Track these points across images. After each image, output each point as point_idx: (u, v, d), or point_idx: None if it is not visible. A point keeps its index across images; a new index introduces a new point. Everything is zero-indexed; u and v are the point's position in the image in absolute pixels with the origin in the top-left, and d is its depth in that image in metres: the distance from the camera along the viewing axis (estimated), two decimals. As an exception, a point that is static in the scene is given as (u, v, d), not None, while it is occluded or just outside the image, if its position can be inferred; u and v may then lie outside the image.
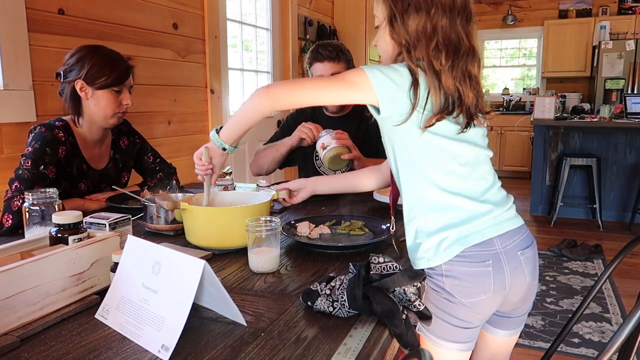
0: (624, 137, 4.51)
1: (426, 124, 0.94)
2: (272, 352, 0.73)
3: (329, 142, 1.76)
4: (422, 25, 0.95)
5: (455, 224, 0.98)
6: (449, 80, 0.94)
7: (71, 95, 1.57)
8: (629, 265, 3.45)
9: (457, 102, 0.95)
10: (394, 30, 0.99)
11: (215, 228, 1.16)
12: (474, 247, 0.97)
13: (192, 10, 2.84)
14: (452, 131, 0.97)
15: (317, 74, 2.02)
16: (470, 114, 0.97)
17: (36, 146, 1.49)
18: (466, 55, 0.97)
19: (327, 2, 4.57)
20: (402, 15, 0.96)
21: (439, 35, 0.95)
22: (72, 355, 0.72)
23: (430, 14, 0.95)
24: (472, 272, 0.97)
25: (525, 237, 1.04)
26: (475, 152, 1.01)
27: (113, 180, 1.75)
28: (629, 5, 6.67)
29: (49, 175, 1.49)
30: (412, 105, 0.93)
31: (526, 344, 2.40)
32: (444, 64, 0.94)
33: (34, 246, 0.98)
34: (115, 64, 1.59)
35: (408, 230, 1.04)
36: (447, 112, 0.94)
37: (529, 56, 7.67)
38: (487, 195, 1.01)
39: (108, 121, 1.62)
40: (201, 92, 2.98)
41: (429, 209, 1.00)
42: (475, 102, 0.97)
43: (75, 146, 1.61)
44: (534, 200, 4.93)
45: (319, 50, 2.00)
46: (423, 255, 1.00)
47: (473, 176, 1.01)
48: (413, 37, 0.96)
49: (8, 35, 1.86)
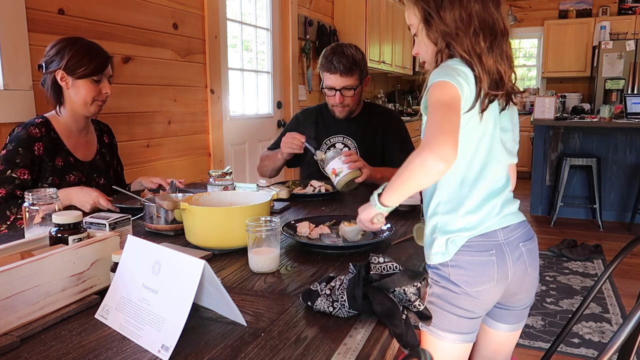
0: (624, 137, 4.51)
1: (482, 107, 0.98)
2: (272, 352, 0.73)
3: (340, 168, 1.68)
4: (458, 15, 0.99)
5: (469, 228, 1.02)
6: (490, 61, 0.98)
7: (52, 85, 1.62)
8: (629, 266, 3.45)
9: (499, 83, 1.00)
10: (431, 29, 1.02)
11: (215, 228, 1.16)
12: (478, 237, 1.02)
13: (192, 10, 2.84)
14: (492, 130, 1.02)
15: (328, 83, 1.98)
16: (509, 93, 1.02)
17: (9, 148, 1.54)
18: (502, 35, 1.01)
19: (327, 2, 4.57)
20: (437, 11, 1.00)
21: (475, 20, 0.99)
22: (72, 355, 0.72)
23: (463, 3, 0.99)
24: (477, 262, 1.01)
25: (526, 231, 1.09)
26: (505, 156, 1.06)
27: (102, 172, 1.79)
28: (629, 5, 6.67)
29: (20, 177, 1.52)
30: (477, 93, 0.97)
31: (526, 344, 2.40)
32: (483, 46, 0.98)
33: (34, 246, 0.98)
34: (94, 54, 1.63)
35: (428, 224, 1.07)
36: (494, 94, 0.99)
37: (529, 56, 7.68)
38: (501, 196, 1.05)
39: (89, 109, 1.66)
40: (201, 92, 2.98)
41: (453, 207, 1.03)
42: (512, 81, 1.03)
43: (57, 140, 1.64)
44: (534, 201, 4.93)
45: (333, 61, 1.91)
46: (437, 250, 1.04)
47: (499, 176, 1.05)
48: (452, 29, 0.99)
49: (8, 35, 1.86)
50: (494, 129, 1.03)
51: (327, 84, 1.99)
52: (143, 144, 2.57)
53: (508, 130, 1.07)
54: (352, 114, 2.10)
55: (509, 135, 1.08)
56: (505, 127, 1.06)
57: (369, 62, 4.74)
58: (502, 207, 1.05)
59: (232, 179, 1.66)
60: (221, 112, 3.16)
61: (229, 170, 1.70)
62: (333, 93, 2.00)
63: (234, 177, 1.82)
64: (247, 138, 3.53)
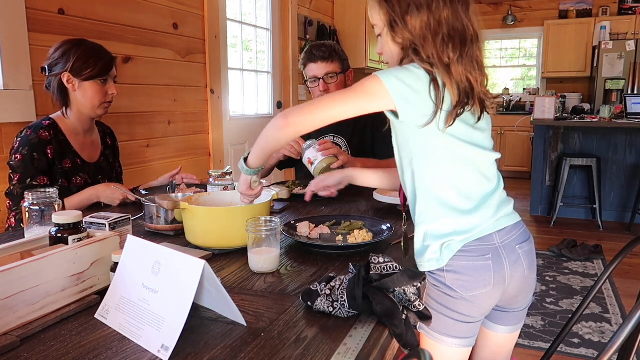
0: (624, 137, 4.51)
1: (447, 123, 0.94)
2: (272, 352, 0.73)
3: (315, 156, 1.72)
4: (425, 21, 0.94)
5: (463, 231, 0.99)
6: (459, 70, 0.93)
7: (58, 88, 1.62)
8: (629, 266, 3.45)
9: (470, 93, 0.95)
10: (396, 35, 0.97)
11: (215, 228, 1.16)
12: (474, 242, 0.99)
13: (192, 10, 2.84)
14: (465, 134, 0.98)
15: (311, 74, 2.03)
16: (482, 100, 0.97)
17: (24, 152, 1.53)
18: (472, 42, 0.96)
19: (327, 2, 4.57)
20: (402, 17, 0.95)
21: (444, 27, 0.94)
22: (72, 355, 0.72)
23: (432, 8, 0.93)
24: (473, 266, 0.99)
25: (522, 232, 1.06)
26: (485, 156, 1.02)
27: (107, 173, 1.80)
28: (629, 5, 6.67)
29: (40, 183, 1.53)
30: (435, 104, 0.92)
31: (526, 344, 2.40)
32: (451, 56, 0.93)
33: (34, 246, 0.98)
34: (99, 55, 1.64)
35: (417, 233, 1.05)
36: (464, 104, 0.94)
37: (529, 56, 7.67)
38: (494, 197, 1.03)
39: (95, 111, 1.67)
40: (201, 92, 2.98)
41: (440, 214, 1.01)
42: (484, 88, 0.98)
43: (65, 142, 1.65)
44: (534, 201, 4.93)
45: (312, 51, 2.01)
46: (431, 257, 1.01)
47: (483, 178, 1.02)
48: (418, 36, 0.94)
49: (8, 35, 1.86)
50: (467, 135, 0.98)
51: (310, 75, 2.03)
52: (143, 144, 2.58)
53: (485, 129, 1.03)
54: None
55: (486, 134, 1.03)
56: (482, 127, 1.02)
57: (369, 62, 4.74)
58: (497, 210, 1.02)
59: (232, 179, 1.66)
60: (221, 112, 3.16)
61: (229, 170, 1.69)
62: (317, 83, 2.03)
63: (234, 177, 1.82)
64: (247, 138, 3.53)
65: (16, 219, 1.52)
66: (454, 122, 0.94)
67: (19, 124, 1.88)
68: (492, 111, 1.02)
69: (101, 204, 1.62)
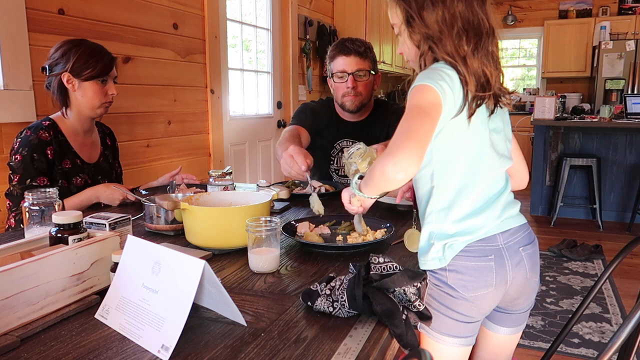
0: (624, 137, 4.51)
1: (470, 112, 0.95)
2: (272, 352, 0.73)
3: None
4: (440, 16, 0.95)
5: (467, 232, 1.00)
6: (475, 63, 0.95)
7: (58, 88, 1.63)
8: (629, 266, 3.45)
9: (486, 86, 0.96)
10: (413, 30, 0.99)
11: (215, 228, 1.16)
12: (477, 242, 0.99)
13: (192, 10, 2.84)
14: (483, 134, 1.00)
15: (340, 68, 1.92)
16: (496, 95, 0.99)
17: (24, 153, 1.53)
18: (487, 36, 0.98)
19: (327, 2, 4.57)
20: (419, 12, 0.97)
21: (459, 21, 0.95)
22: (72, 355, 0.72)
23: (446, 3, 0.96)
24: (475, 267, 0.99)
25: (527, 235, 1.06)
26: (498, 161, 1.03)
27: (106, 174, 1.80)
28: (629, 5, 6.67)
29: (40, 184, 1.53)
30: (464, 97, 0.94)
31: (526, 344, 2.40)
32: (467, 49, 0.95)
33: (34, 246, 0.98)
34: (99, 56, 1.64)
35: (423, 232, 1.05)
36: (480, 98, 0.95)
37: (529, 56, 7.68)
38: (501, 198, 1.03)
39: (95, 111, 1.67)
40: (201, 92, 2.98)
41: (449, 215, 1.00)
42: (500, 82, 1.00)
43: (65, 143, 1.65)
44: (534, 201, 4.93)
45: (345, 43, 1.90)
46: (434, 255, 1.01)
47: (493, 181, 1.03)
48: (435, 31, 0.96)
49: (8, 35, 1.86)
50: (483, 134, 1.00)
51: (339, 69, 1.92)
52: (143, 144, 2.57)
53: (500, 130, 1.04)
54: (363, 108, 2.02)
55: (501, 136, 1.04)
56: (496, 128, 1.03)
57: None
58: (502, 211, 1.02)
59: (232, 179, 1.66)
60: (221, 112, 3.16)
61: (229, 170, 1.69)
62: (345, 78, 1.92)
63: (234, 177, 1.82)
64: (247, 138, 3.53)
65: (16, 219, 1.52)
66: (474, 112, 0.95)
67: (19, 124, 1.88)
68: (508, 107, 1.05)
69: (101, 204, 1.62)
